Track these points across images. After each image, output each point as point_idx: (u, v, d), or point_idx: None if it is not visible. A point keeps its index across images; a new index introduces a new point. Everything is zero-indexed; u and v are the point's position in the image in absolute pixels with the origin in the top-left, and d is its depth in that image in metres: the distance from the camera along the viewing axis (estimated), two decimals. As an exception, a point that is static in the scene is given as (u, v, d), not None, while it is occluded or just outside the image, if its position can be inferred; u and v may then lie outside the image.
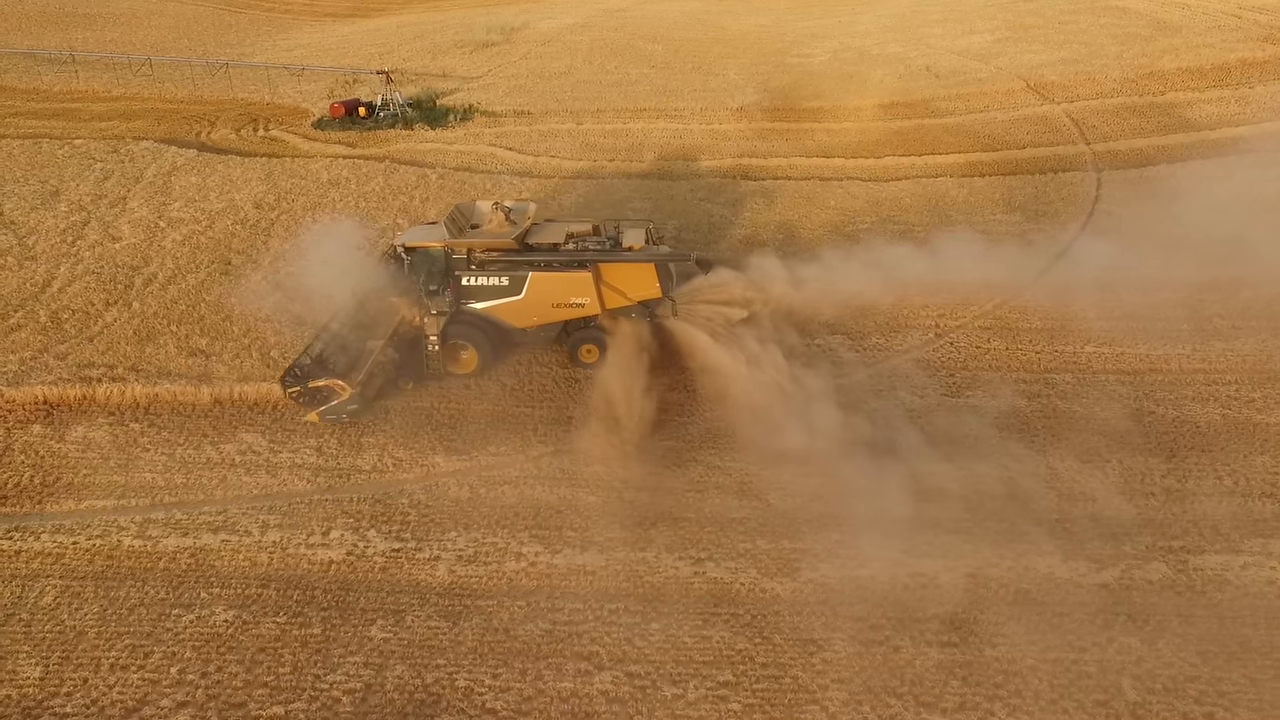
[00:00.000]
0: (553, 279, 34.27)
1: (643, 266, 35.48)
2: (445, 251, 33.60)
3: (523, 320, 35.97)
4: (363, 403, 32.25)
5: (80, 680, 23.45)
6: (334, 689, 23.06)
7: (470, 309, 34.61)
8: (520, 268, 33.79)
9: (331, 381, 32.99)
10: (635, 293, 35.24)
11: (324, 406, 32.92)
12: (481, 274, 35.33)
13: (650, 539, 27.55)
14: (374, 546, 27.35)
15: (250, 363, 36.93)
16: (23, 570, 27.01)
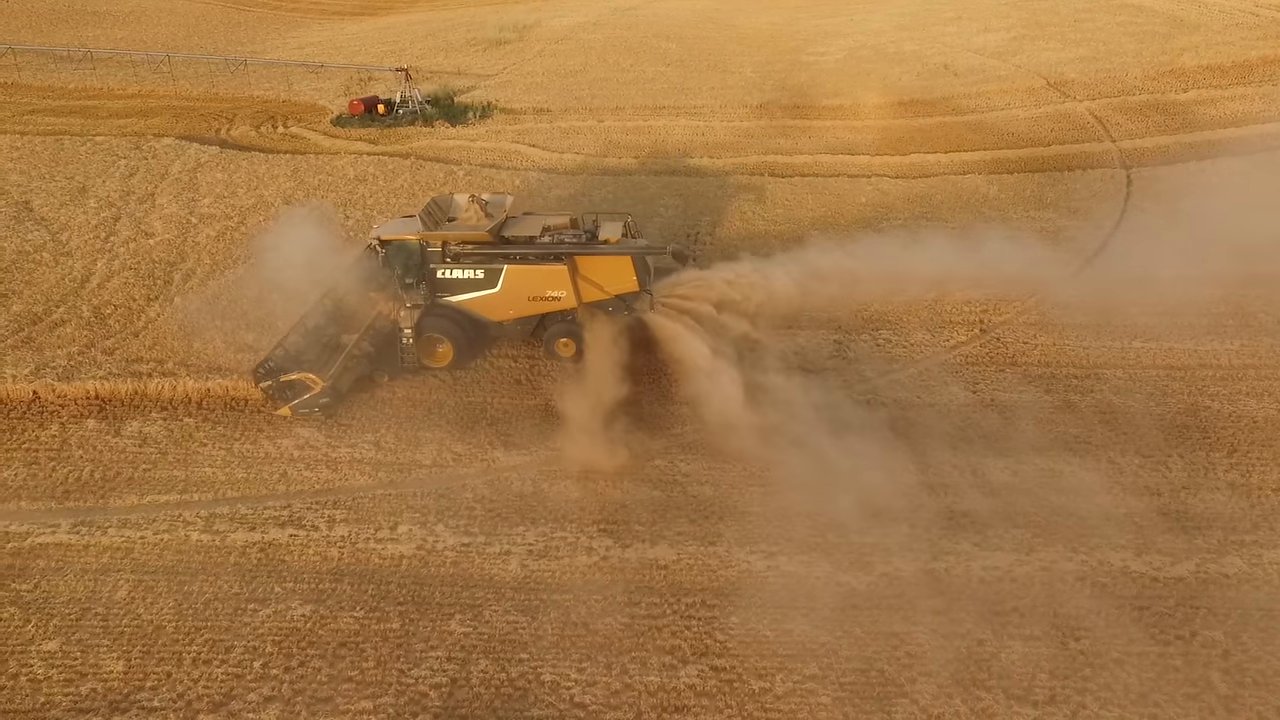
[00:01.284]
0: (528, 272, 33.89)
1: (619, 260, 35.30)
2: (420, 244, 33.43)
3: (498, 314, 35.61)
4: (335, 396, 31.94)
5: (164, 674, 23.20)
6: (420, 683, 22.83)
7: (445, 302, 34.52)
8: (495, 261, 33.68)
9: (304, 375, 32.94)
10: (612, 286, 34.79)
11: (296, 400, 32.96)
12: (456, 267, 35.28)
13: (719, 533, 27.35)
14: (443, 541, 27.08)
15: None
16: (93, 565, 26.71)
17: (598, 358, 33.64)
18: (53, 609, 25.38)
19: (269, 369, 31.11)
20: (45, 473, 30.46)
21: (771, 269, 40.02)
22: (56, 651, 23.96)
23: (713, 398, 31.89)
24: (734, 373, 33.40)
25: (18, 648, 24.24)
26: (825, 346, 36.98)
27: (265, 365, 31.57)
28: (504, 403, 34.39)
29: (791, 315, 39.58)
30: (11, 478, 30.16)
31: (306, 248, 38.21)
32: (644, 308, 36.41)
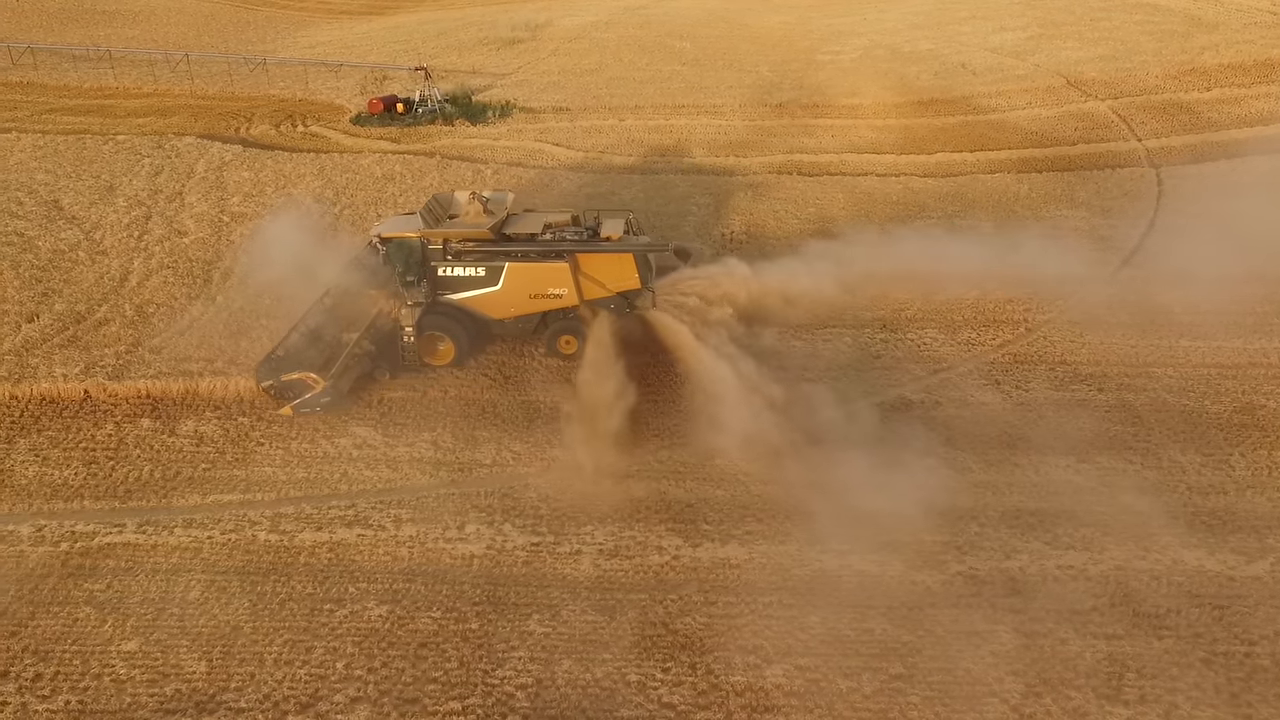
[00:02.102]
0: (530, 270, 33.85)
1: (621, 257, 34.95)
2: (421, 242, 33.30)
3: (500, 311, 35.12)
4: (336, 395, 31.80)
5: (247, 675, 23.07)
6: (505, 684, 22.77)
7: (447, 300, 34.32)
8: (497, 258, 33.62)
9: (305, 375, 32.76)
10: (614, 284, 34.35)
11: (298, 400, 32.49)
12: (458, 264, 35.12)
13: (788, 532, 27.34)
14: (512, 541, 27.04)
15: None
16: (163, 564, 26.64)
17: (599, 356, 33.39)
18: (128, 609, 25.21)
19: (270, 368, 31.33)
20: (105, 472, 30.19)
21: (811, 268, 40.53)
22: (136, 651, 23.76)
23: (728, 409, 31.73)
24: (736, 377, 33.29)
25: (97, 647, 24.02)
26: (873, 345, 37.05)
27: (266, 364, 32.15)
28: (558, 401, 34.02)
29: (835, 314, 39.81)
30: (72, 477, 29.98)
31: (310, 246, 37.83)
32: (646, 305, 36.17)
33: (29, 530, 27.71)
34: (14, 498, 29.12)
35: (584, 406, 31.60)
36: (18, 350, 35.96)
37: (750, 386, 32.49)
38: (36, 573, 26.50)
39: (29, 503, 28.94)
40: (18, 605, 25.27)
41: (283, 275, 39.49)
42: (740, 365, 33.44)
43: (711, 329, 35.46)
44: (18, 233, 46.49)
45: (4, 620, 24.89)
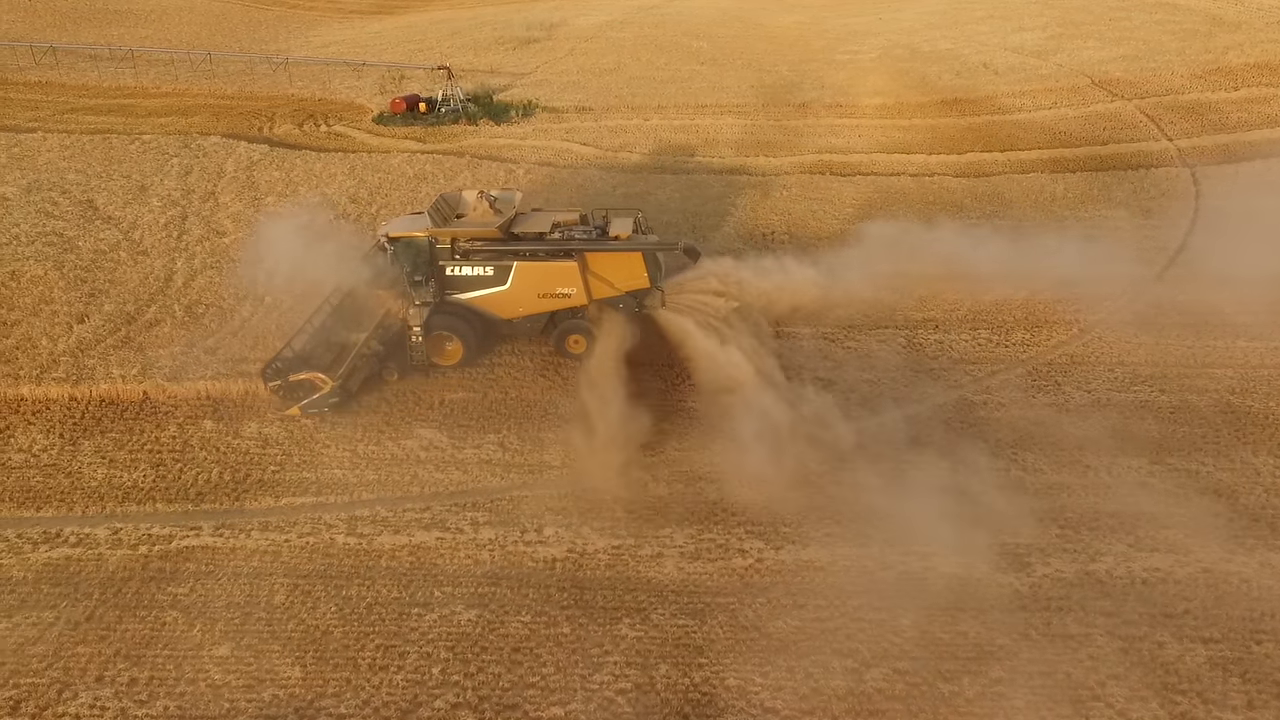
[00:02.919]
0: (538, 269, 33.65)
1: (630, 256, 34.67)
2: (429, 241, 33.15)
3: (508, 311, 34.98)
4: (344, 396, 31.85)
5: (343, 680, 22.91)
6: (605, 689, 22.61)
7: (455, 299, 34.21)
8: (505, 257, 33.43)
9: (312, 375, 32.67)
10: (623, 283, 34.26)
11: (306, 400, 32.42)
12: (466, 264, 34.90)
13: (867, 534, 27.37)
14: (592, 544, 26.88)
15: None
16: (243, 568, 26.51)
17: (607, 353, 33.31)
18: (214, 613, 25.05)
19: (277, 369, 31.22)
20: (174, 474, 30.08)
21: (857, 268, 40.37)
22: (229, 656, 23.54)
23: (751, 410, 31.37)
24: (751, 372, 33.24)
25: (189, 652, 23.88)
26: (927, 346, 36.77)
27: (274, 365, 31.96)
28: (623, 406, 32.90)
29: (886, 315, 40.02)
30: (141, 479, 29.82)
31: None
32: (655, 304, 35.98)
33: (105, 533, 27.38)
34: (86, 500, 28.74)
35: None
36: (72, 351, 35.61)
37: (768, 385, 32.78)
38: (118, 576, 26.18)
39: (102, 505, 28.69)
40: (104, 609, 24.96)
41: (326, 276, 38.79)
42: (762, 364, 33.51)
43: (738, 327, 35.64)
44: (57, 233, 46.09)
45: (92, 624, 24.50)
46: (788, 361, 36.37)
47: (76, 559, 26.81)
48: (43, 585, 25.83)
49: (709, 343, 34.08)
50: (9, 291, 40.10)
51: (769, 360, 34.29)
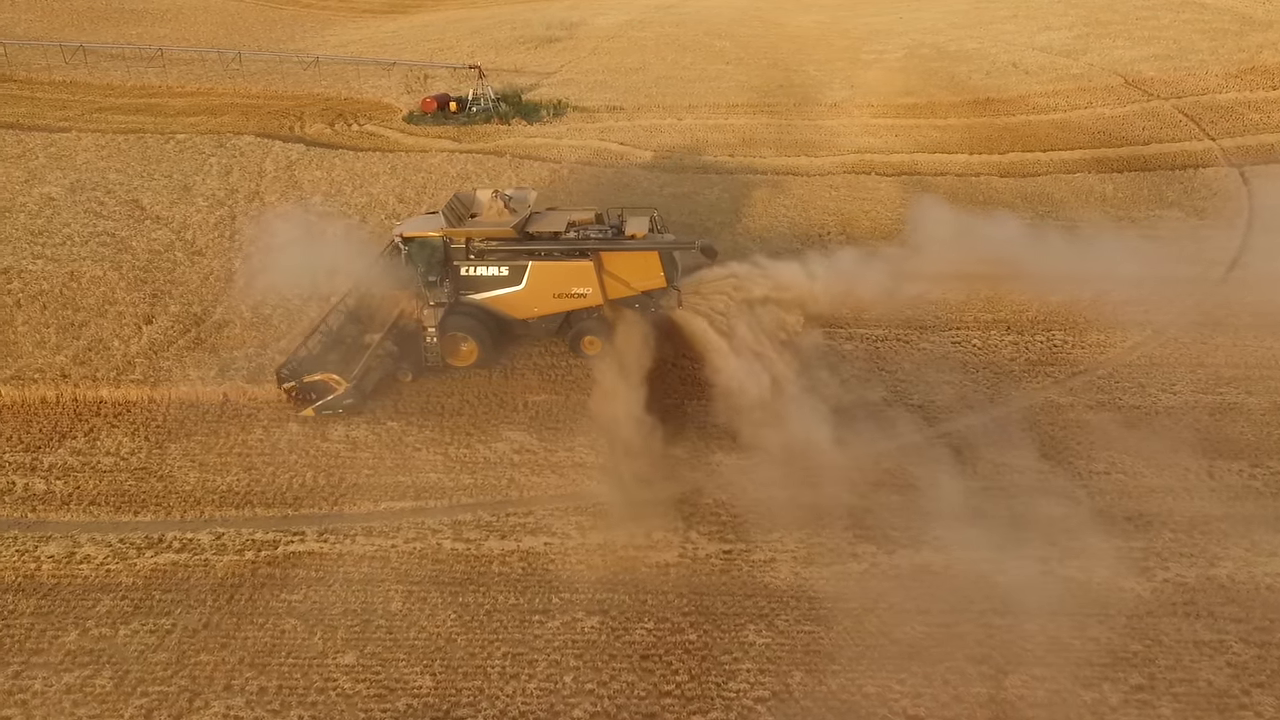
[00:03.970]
0: (554, 268, 33.29)
1: (646, 255, 34.15)
2: (444, 241, 32.83)
3: (523, 311, 34.48)
4: (359, 397, 31.55)
5: (476, 689, 22.64)
6: (743, 697, 22.33)
7: (469, 300, 33.81)
8: (520, 257, 33.07)
9: (327, 376, 32.44)
10: (639, 282, 33.89)
11: (320, 401, 32.14)
12: (480, 264, 34.54)
13: (977, 539, 27.18)
14: (703, 548, 26.71)
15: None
16: (354, 574, 26.25)
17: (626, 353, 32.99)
18: (332, 620, 24.71)
19: (292, 370, 31.05)
20: (267, 478, 29.76)
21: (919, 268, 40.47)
22: (355, 665, 23.23)
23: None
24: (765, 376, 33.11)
25: (313, 660, 23.50)
26: (1002, 347, 36.56)
27: (288, 366, 32.25)
28: (705, 405, 33.34)
29: (955, 315, 40.18)
30: (235, 483, 29.44)
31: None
32: (671, 304, 35.69)
33: (208, 538, 27.03)
34: (184, 505, 28.44)
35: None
36: (146, 353, 35.27)
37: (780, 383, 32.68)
38: (228, 582, 25.81)
39: (200, 510, 28.34)
40: (220, 617, 24.61)
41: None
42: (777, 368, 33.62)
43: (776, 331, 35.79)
44: (109, 233, 45.72)
45: (211, 632, 24.15)
46: (866, 364, 36.69)
47: (183, 564, 26.31)
48: (153, 591, 25.36)
49: (722, 343, 34.12)
50: (71, 292, 39.52)
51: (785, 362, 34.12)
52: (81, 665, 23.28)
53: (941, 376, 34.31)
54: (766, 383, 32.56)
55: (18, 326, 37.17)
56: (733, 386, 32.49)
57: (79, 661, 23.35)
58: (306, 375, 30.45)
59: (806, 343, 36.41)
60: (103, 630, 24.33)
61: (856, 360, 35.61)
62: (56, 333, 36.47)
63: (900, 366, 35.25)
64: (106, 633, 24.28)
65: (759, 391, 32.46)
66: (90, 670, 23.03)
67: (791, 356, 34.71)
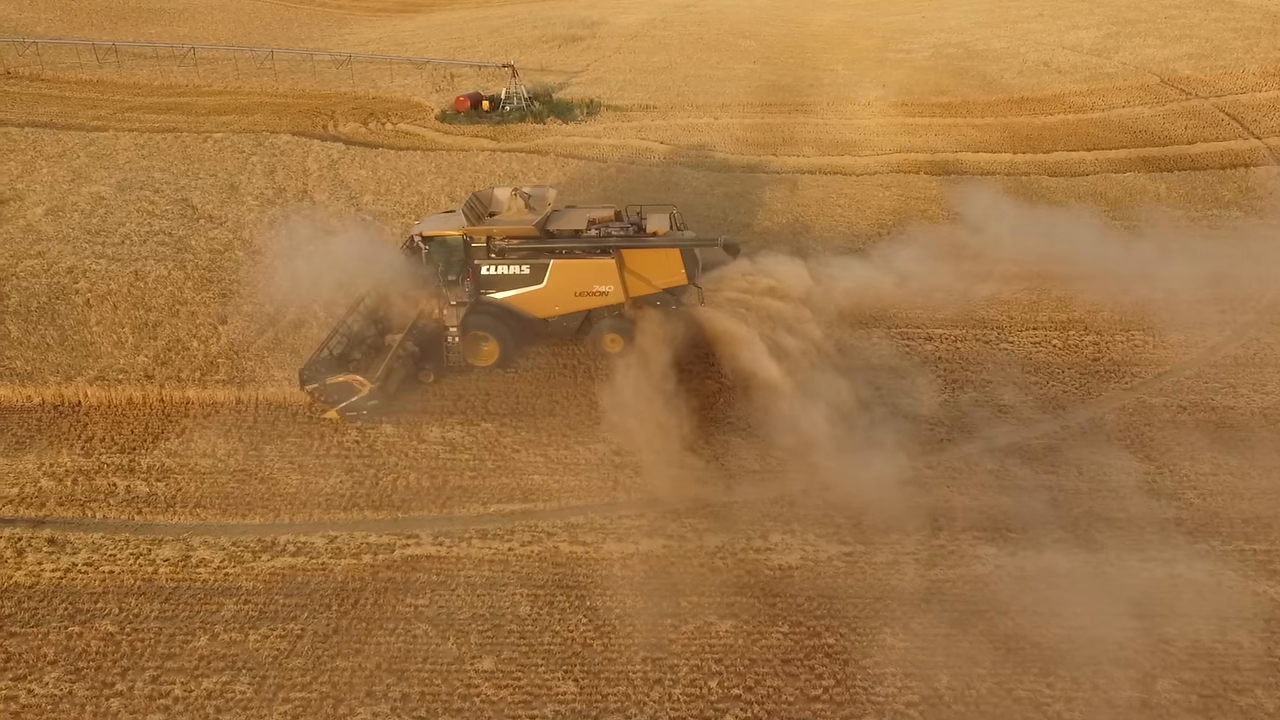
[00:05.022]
0: (575, 266, 33.16)
1: (668, 252, 33.86)
2: (464, 240, 32.70)
3: (544, 310, 34.27)
4: (383, 398, 31.14)
5: (622, 695, 22.32)
6: (893, 702, 22.01)
7: (490, 299, 33.54)
8: (542, 255, 32.86)
9: (350, 377, 32.08)
10: (660, 279, 33.83)
11: (344, 403, 31.58)
12: (501, 262, 34.29)
13: (1097, 540, 27.35)
14: (823, 550, 26.43)
15: (565, 359, 36.27)
16: (475, 578, 25.98)
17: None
18: (462, 625, 24.60)
19: (315, 372, 30.49)
20: (370, 480, 29.52)
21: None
22: (495, 670, 22.89)
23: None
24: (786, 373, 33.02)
25: (451, 666, 23.27)
26: (1083, 347, 36.29)
27: (311, 368, 31.92)
28: (798, 408, 32.73)
29: (1029, 316, 40.33)
30: (339, 485, 29.16)
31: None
32: (692, 301, 35.40)
33: (322, 541, 26.70)
34: (291, 508, 28.10)
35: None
36: (226, 353, 34.93)
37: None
38: (349, 586, 25.48)
39: (308, 513, 28.03)
40: (348, 621, 24.26)
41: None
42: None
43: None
44: (166, 232, 45.24)
45: (341, 637, 23.89)
46: (951, 365, 36.81)
47: (301, 568, 25.96)
48: (275, 595, 24.92)
49: (744, 331, 34.37)
50: (139, 292, 39.11)
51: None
52: (218, 670, 22.74)
53: (1028, 377, 34.10)
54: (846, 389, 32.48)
55: (92, 326, 36.64)
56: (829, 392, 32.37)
57: (214, 667, 22.85)
58: (330, 377, 30.08)
59: (886, 347, 36.45)
60: (232, 635, 23.79)
61: (940, 361, 34.76)
62: (132, 333, 36.00)
63: (984, 367, 34.67)
64: (237, 637, 23.69)
65: (850, 394, 32.44)
66: (228, 676, 22.50)
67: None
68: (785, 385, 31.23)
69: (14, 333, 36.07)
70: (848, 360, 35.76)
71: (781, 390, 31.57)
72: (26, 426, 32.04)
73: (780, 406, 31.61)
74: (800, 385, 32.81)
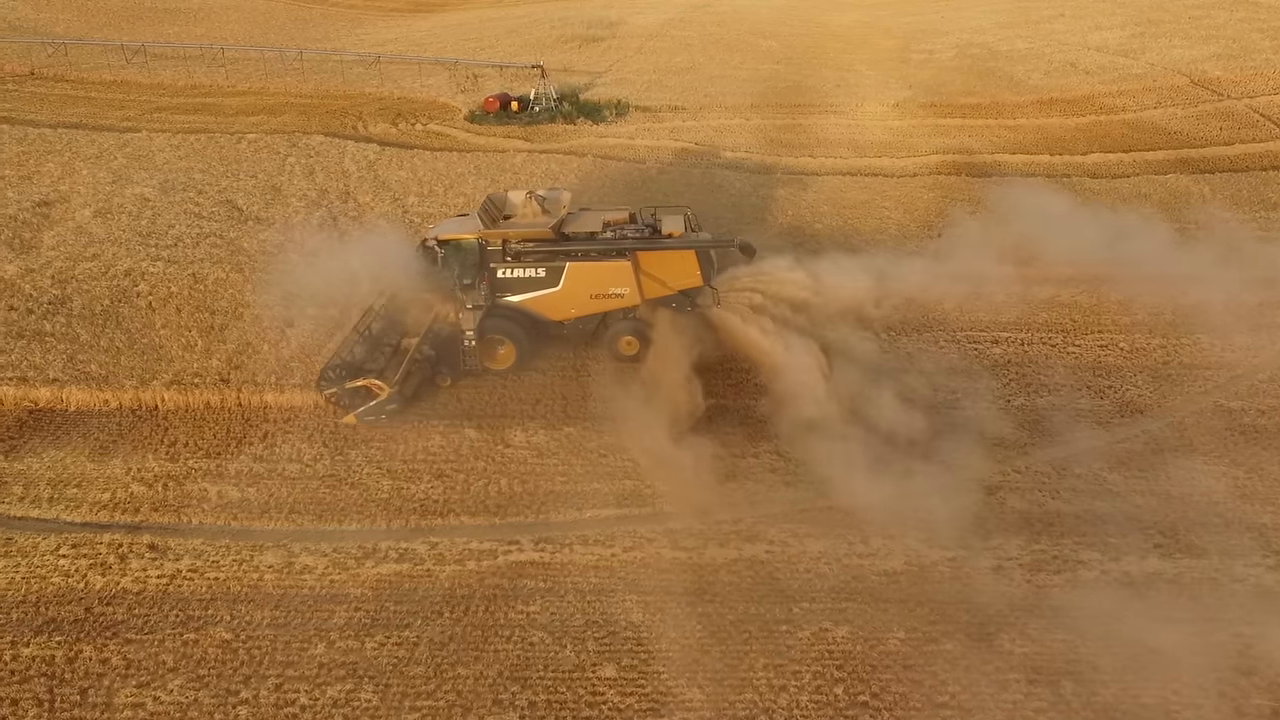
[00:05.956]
0: (591, 269, 33.04)
1: (683, 254, 33.46)
2: (480, 243, 32.57)
3: (560, 312, 34.10)
4: (401, 402, 31.14)
5: (749, 702, 22.46)
6: (1021, 708, 22.15)
7: (506, 302, 33.44)
8: (557, 258, 32.79)
9: (369, 381, 32.09)
10: (676, 281, 33.56)
11: (362, 408, 31.50)
12: (517, 266, 34.33)
13: (1199, 545, 27.52)
14: (926, 555, 26.49)
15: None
16: (583, 584, 26.02)
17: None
18: (579, 632, 24.73)
19: (333, 376, 30.77)
20: (460, 486, 29.55)
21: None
22: (617, 678, 22.72)
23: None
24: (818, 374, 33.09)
25: (573, 673, 23.29)
26: (1150, 349, 36.32)
27: (329, 372, 31.91)
28: (881, 413, 32.68)
29: (1091, 319, 40.41)
30: (430, 491, 29.31)
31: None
32: (708, 303, 35.40)
33: (423, 548, 26.75)
34: (387, 514, 28.09)
35: None
36: (298, 357, 34.88)
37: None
38: (457, 593, 25.43)
39: (405, 518, 28.07)
40: (462, 629, 24.24)
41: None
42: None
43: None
44: (217, 234, 45.10)
45: (458, 645, 23.90)
46: (1021, 368, 36.98)
47: (407, 575, 25.92)
48: (385, 603, 24.82)
49: (766, 338, 34.30)
50: (200, 295, 38.93)
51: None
52: (339, 679, 22.61)
53: (1100, 380, 34.08)
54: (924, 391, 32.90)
55: (158, 329, 36.45)
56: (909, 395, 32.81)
57: (335, 675, 22.72)
58: (349, 381, 30.12)
59: (954, 351, 36.99)
60: (348, 643, 23.68)
61: (1010, 365, 34.69)
62: (200, 336, 35.90)
63: (1055, 370, 34.88)
64: (353, 645, 23.61)
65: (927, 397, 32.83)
66: (350, 684, 22.38)
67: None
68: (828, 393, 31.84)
69: (83, 336, 35.72)
70: (916, 364, 36.00)
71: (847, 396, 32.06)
72: (108, 430, 31.68)
73: (862, 411, 31.67)
74: (881, 387, 33.06)
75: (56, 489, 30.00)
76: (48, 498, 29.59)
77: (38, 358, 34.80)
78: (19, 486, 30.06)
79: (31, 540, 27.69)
